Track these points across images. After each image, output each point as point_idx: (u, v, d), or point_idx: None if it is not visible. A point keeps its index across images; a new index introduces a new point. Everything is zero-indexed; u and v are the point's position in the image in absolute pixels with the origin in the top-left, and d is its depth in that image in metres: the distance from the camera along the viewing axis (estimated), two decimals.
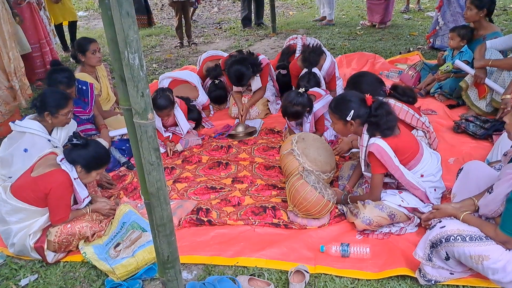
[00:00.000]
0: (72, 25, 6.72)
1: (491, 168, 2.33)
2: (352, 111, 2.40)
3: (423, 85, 4.43)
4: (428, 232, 2.00)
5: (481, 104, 3.69)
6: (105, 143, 3.42)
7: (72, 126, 3.15)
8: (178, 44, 7.22)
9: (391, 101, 2.92)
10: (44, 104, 2.89)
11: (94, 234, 2.53)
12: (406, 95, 2.95)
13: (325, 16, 7.85)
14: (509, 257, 1.86)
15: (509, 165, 1.94)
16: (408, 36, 6.64)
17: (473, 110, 3.74)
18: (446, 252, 1.93)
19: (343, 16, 8.49)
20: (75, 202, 2.58)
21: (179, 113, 3.60)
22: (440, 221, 2.01)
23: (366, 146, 2.42)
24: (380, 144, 2.34)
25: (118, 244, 2.44)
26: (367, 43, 6.39)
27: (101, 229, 2.58)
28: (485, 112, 3.65)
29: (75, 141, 2.51)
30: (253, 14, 8.16)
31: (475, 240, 1.87)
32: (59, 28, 6.55)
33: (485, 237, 1.89)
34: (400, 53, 5.71)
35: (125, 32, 1.47)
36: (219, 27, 8.65)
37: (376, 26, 7.24)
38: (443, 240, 1.90)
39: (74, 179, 2.47)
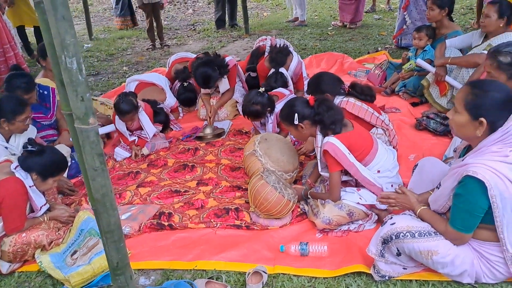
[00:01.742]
0: (37, 30, 6.61)
1: (444, 164, 2.37)
2: (296, 114, 2.48)
3: (389, 84, 4.50)
4: (380, 229, 2.03)
5: (442, 101, 3.77)
6: (68, 149, 3.39)
7: (31, 132, 3.08)
8: (150, 46, 7.17)
9: (351, 100, 2.96)
10: (0, 110, 2.83)
11: (51, 242, 2.48)
12: (364, 93, 2.99)
13: (298, 17, 7.91)
14: (457, 251, 1.90)
15: (457, 161, 1.98)
16: (378, 36, 6.73)
17: (435, 107, 3.82)
18: (397, 248, 1.96)
19: (316, 17, 8.56)
20: (32, 210, 2.53)
21: (143, 117, 3.56)
22: (391, 218, 2.04)
23: (321, 146, 2.45)
24: (333, 142, 2.37)
25: (75, 252, 2.40)
26: (337, 43, 6.45)
27: (58, 237, 2.53)
28: (446, 109, 3.73)
29: (30, 148, 2.46)
30: (227, 16, 8.16)
31: (424, 236, 1.91)
32: (20, 31, 6.44)
33: (434, 232, 1.93)
34: (369, 53, 5.79)
35: (62, 36, 1.44)
36: (193, 28, 8.62)
37: (347, 26, 7.33)
38: (393, 237, 1.93)
39: (30, 186, 2.42)
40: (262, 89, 3.24)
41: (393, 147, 3.14)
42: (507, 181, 1.74)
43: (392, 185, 2.55)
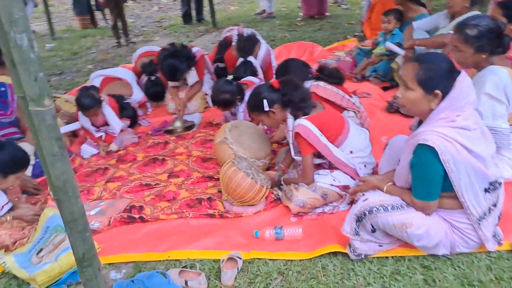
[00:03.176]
0: None
1: None
2: (265, 100, 2.42)
3: (359, 70, 4.53)
4: (353, 207, 2.01)
5: None
6: (30, 147, 3.24)
7: None
8: (115, 44, 6.98)
9: (321, 84, 2.94)
10: None
11: (15, 242, 2.35)
12: (333, 76, 2.98)
13: (265, 9, 7.89)
14: (430, 221, 1.90)
15: (411, 136, 1.98)
16: (346, 25, 6.79)
17: None
18: (371, 225, 1.94)
19: (284, 9, 8.57)
20: None
21: (108, 111, 3.44)
22: (363, 195, 2.02)
23: (292, 130, 2.41)
24: (304, 124, 2.34)
25: (41, 250, 2.28)
26: (306, 33, 6.47)
27: (23, 236, 2.40)
28: None
29: None
30: (194, 11, 8.06)
31: (397, 209, 1.90)
32: None
33: (406, 205, 1.92)
34: (338, 41, 5.82)
35: (9, 10, 1.34)
36: (159, 25, 8.47)
37: (317, 17, 7.35)
38: (367, 213, 1.92)
39: None
40: (230, 77, 3.18)
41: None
42: (458, 145, 1.77)
43: (365, 165, 2.54)
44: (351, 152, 2.49)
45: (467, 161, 1.79)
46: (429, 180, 1.84)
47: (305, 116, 2.41)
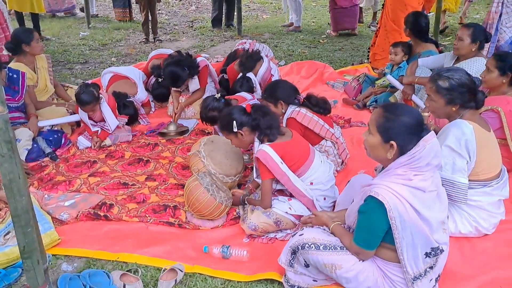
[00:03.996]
0: (34, 16, 6.72)
1: None
2: (235, 122, 2.51)
3: (362, 98, 4.52)
4: (290, 239, 2.07)
5: None
6: (30, 132, 3.48)
7: None
8: (144, 40, 7.24)
9: (302, 110, 3.01)
10: None
11: None
12: (318, 105, 3.03)
13: (293, 22, 7.95)
14: (361, 267, 1.93)
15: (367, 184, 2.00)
16: (368, 48, 6.74)
17: None
18: (304, 259, 2.00)
19: (312, 23, 8.59)
20: None
21: (105, 109, 3.62)
22: (302, 229, 2.08)
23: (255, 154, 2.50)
24: (265, 150, 2.42)
25: (8, 233, 2.47)
26: (325, 52, 6.48)
27: None
28: None
29: None
30: (224, 16, 8.23)
31: (329, 250, 1.94)
32: (19, 16, 6.59)
33: (340, 247, 1.96)
34: (353, 64, 5.81)
35: None
36: (190, 25, 8.70)
37: (351, 32, 7.36)
38: (300, 248, 1.97)
39: None
40: (217, 95, 3.30)
41: (342, 161, 3.18)
42: (407, 205, 1.78)
43: (325, 198, 2.59)
44: (311, 183, 2.54)
45: (414, 222, 1.79)
46: (371, 231, 1.86)
47: (269, 143, 2.49)
